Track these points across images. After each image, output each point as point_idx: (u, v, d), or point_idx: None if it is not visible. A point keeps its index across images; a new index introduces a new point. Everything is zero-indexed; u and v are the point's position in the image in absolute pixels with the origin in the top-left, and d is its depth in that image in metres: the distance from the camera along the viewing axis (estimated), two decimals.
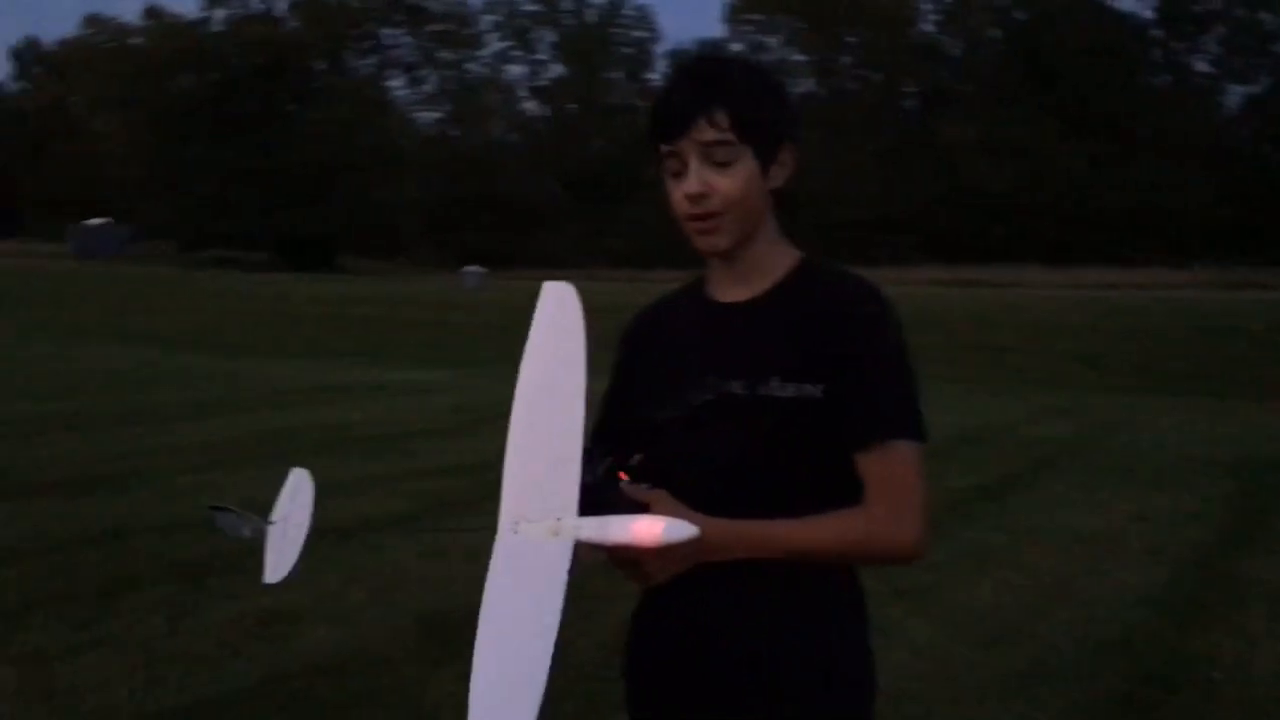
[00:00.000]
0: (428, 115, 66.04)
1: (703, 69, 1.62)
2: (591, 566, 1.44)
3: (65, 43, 66.35)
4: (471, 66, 65.65)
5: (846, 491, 1.53)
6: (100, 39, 61.61)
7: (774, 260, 1.64)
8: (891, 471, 1.51)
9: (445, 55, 62.94)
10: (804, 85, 70.62)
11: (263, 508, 1.49)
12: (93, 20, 64.02)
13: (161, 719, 3.71)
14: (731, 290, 1.65)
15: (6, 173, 65.04)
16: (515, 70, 68.21)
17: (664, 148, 1.59)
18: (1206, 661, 4.47)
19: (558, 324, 1.44)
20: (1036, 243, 51.70)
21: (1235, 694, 4.12)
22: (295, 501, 1.67)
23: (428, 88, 64.94)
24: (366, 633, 4.56)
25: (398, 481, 7.48)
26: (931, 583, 5.58)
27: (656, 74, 68.39)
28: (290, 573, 1.60)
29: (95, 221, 47.83)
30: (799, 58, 67.77)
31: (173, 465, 7.97)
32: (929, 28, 66.27)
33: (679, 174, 1.58)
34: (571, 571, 1.30)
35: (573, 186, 59.98)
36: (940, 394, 15.24)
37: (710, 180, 1.56)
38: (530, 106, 71.31)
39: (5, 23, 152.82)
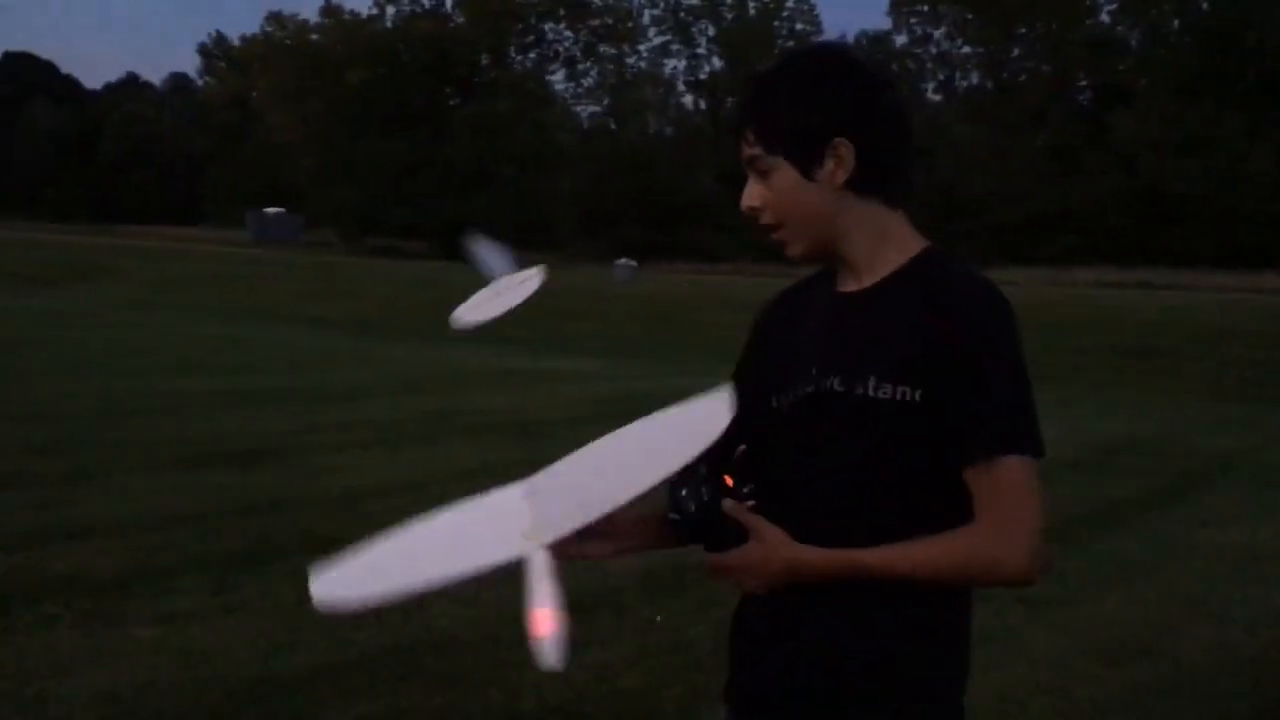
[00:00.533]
0: (587, 109, 66.98)
1: (746, 89, 1.64)
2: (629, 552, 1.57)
3: (248, 39, 69.69)
4: (631, 61, 66.22)
5: (951, 507, 1.46)
6: (280, 35, 64.42)
7: (886, 254, 1.58)
8: (1001, 489, 1.43)
9: (605, 50, 63.64)
10: (970, 78, 68.87)
11: (397, 488, 1.59)
12: (274, 17, 66.96)
13: (284, 682, 3.90)
14: (849, 280, 1.61)
15: (192, 163, 68.70)
16: (674, 65, 68.49)
17: (741, 153, 1.61)
18: None
19: (699, 417, 1.48)
20: (1216, 244, 49.16)
21: None
22: (523, 282, 1.80)
23: (588, 82, 65.82)
24: (485, 613, 4.68)
25: (530, 467, 7.64)
26: (1058, 594, 5.41)
27: None
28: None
29: (272, 210, 50.17)
30: (965, 50, 66.06)
31: (330, 443, 8.33)
32: (1104, 18, 63.68)
33: (747, 177, 1.61)
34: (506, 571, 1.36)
35: (727, 180, 59.90)
36: (1098, 402, 14.71)
37: (759, 193, 1.57)
38: (688, 100, 71.51)
39: (194, 20, 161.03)
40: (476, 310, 1.74)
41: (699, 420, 1.48)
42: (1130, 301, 27.13)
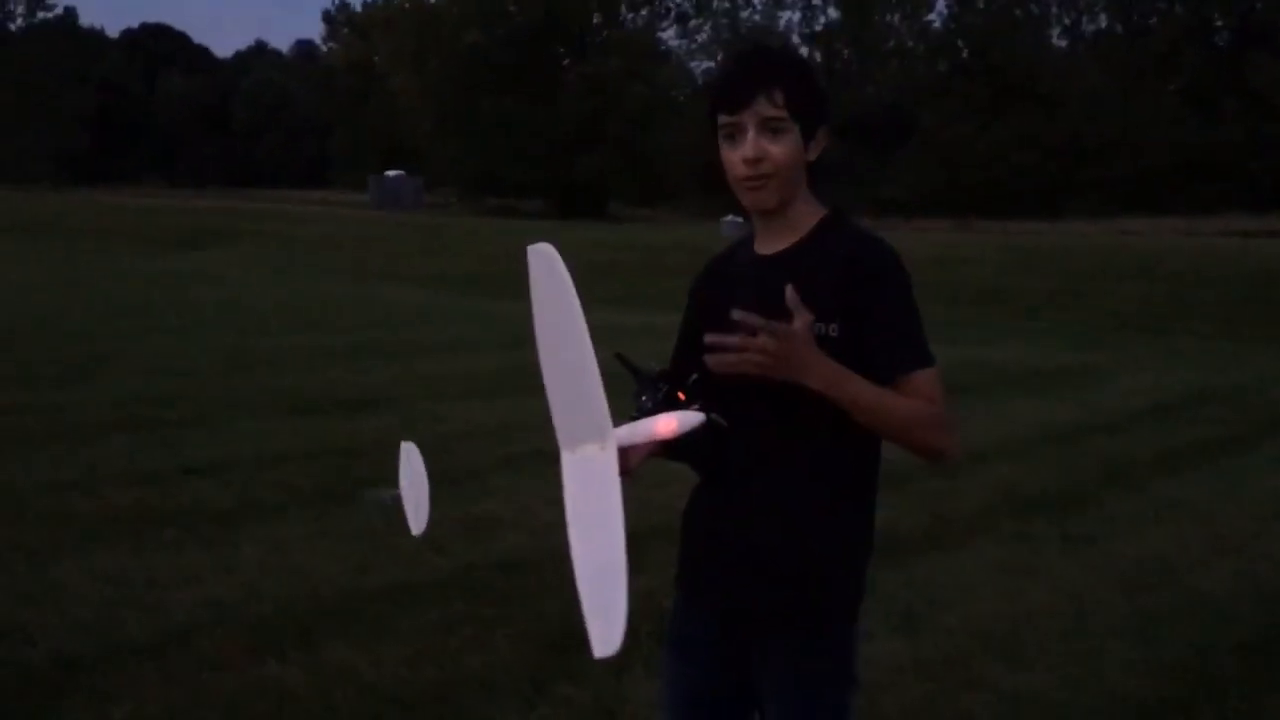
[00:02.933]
0: (701, 64, 66.81)
1: (763, 55, 2.00)
2: (641, 463, 1.88)
3: (369, 3, 71.33)
4: (745, 15, 65.76)
5: (856, 423, 1.86)
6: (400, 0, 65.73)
7: (805, 218, 2.00)
8: (927, 394, 1.86)
9: (719, 4, 63.37)
10: (1098, 21, 66.52)
11: (489, 432, 1.75)
12: None
13: (368, 596, 4.45)
14: (769, 244, 2.01)
15: (319, 127, 70.77)
16: (789, 17, 67.74)
17: (725, 118, 1.94)
18: None
19: (549, 278, 1.68)
20: None
21: None
22: (412, 467, 2.10)
23: (701, 37, 65.61)
24: (551, 542, 5.15)
25: (617, 415, 8.12)
26: (1102, 531, 5.69)
27: (935, 16, 66.19)
28: (427, 524, 1.99)
29: (392, 173, 51.43)
30: None
31: (424, 393, 8.93)
32: None
33: (735, 140, 1.93)
34: (622, 472, 1.64)
35: (844, 133, 59.19)
36: (1200, 350, 14.55)
37: (765, 147, 1.91)
38: (803, 53, 70.64)
39: None
40: (419, 516, 2.08)
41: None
42: (1255, 250, 26.27)
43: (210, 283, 19.40)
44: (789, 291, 1.78)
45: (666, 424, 1.81)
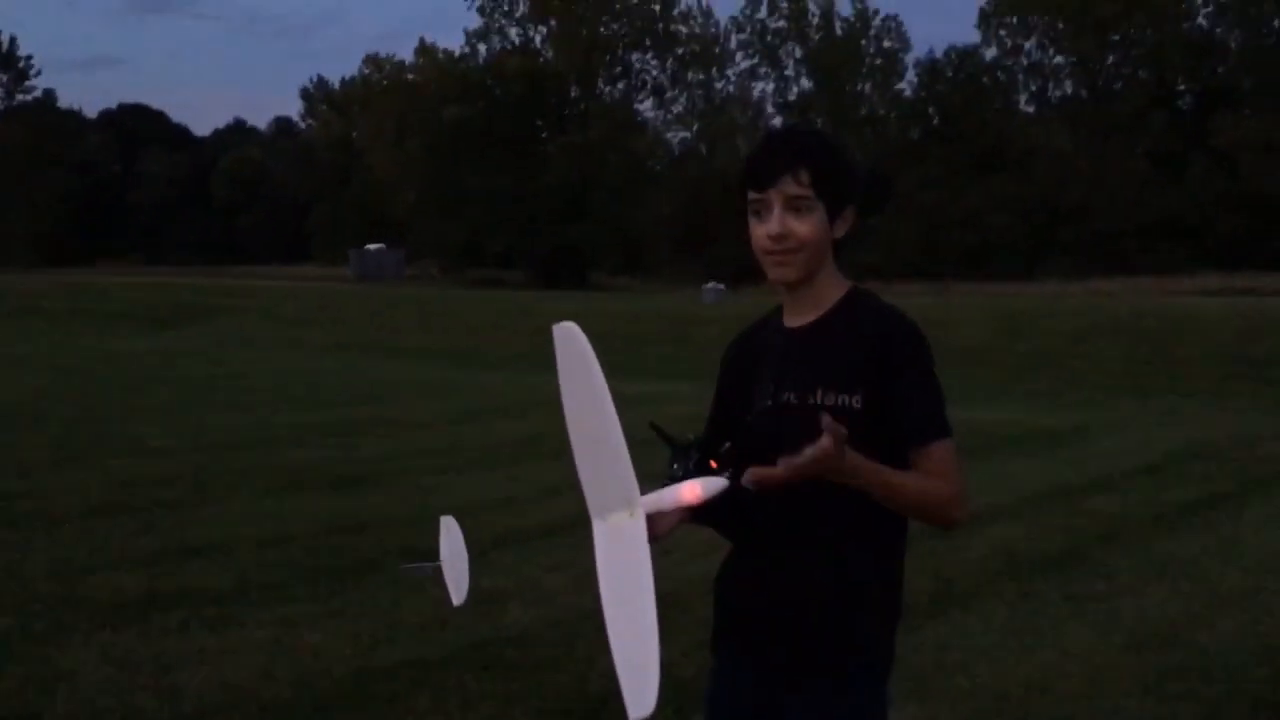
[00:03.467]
0: (677, 135, 67.65)
1: (793, 135, 2.10)
2: (671, 531, 1.93)
3: (347, 81, 72.17)
4: (719, 85, 66.78)
5: None
6: (378, 76, 66.52)
7: (830, 292, 2.08)
8: (938, 465, 1.94)
9: (694, 76, 64.32)
10: (1064, 88, 67.83)
11: (490, 507, 1.83)
12: (371, 59, 69.24)
13: (380, 673, 4.44)
14: (796, 317, 2.09)
15: (299, 203, 71.11)
16: (762, 87, 68.79)
17: (754, 195, 2.02)
18: None
19: (574, 355, 1.77)
20: None
21: None
22: (451, 540, 2.16)
23: (677, 108, 66.53)
24: (558, 613, 5.18)
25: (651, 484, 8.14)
26: (1103, 591, 5.73)
27: (905, 84, 67.36)
28: (468, 593, 2.07)
29: (373, 246, 51.69)
30: (1058, 60, 65.17)
31: (417, 468, 8.94)
32: (1202, 21, 62.24)
33: (762, 216, 2.02)
34: (651, 539, 1.72)
35: None
36: (1182, 407, 14.69)
37: (789, 224, 1.99)
38: (777, 122, 71.71)
39: (296, 65, 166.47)
40: (460, 586, 2.16)
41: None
42: (1230, 309, 26.63)
43: (195, 361, 19.38)
44: (825, 419, 1.78)
45: (691, 490, 1.87)
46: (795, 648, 2.00)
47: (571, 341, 1.76)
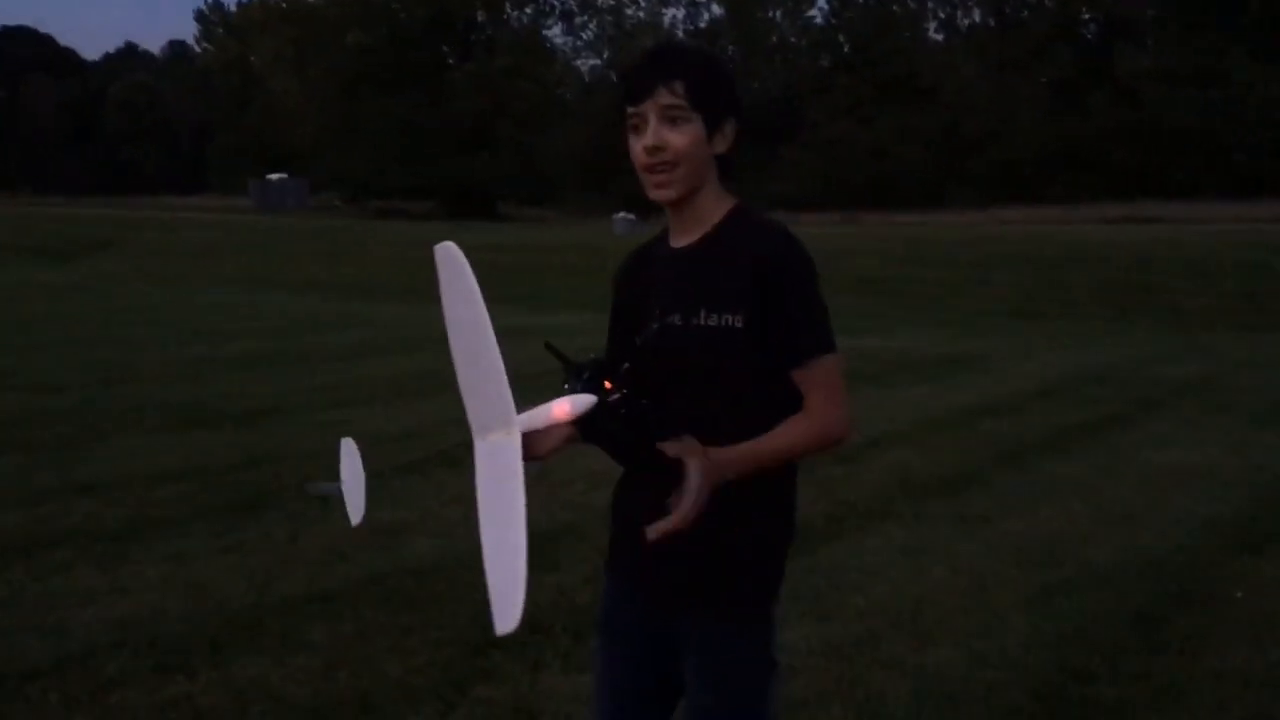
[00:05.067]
0: (587, 62, 66.86)
1: (667, 48, 2.07)
2: (556, 451, 1.95)
3: (244, 4, 69.69)
4: (630, 12, 66.05)
5: (767, 405, 1.94)
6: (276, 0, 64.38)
7: (713, 211, 2.04)
8: (824, 380, 1.94)
9: (604, 2, 63.57)
10: (972, 16, 68.35)
11: (392, 439, 1.78)
12: None
13: (275, 607, 4.38)
14: (680, 237, 2.06)
15: (196, 131, 68.92)
16: (673, 14, 68.21)
17: (630, 109, 1.97)
18: (1236, 581, 4.67)
19: (454, 275, 1.74)
20: (1224, 177, 48.98)
21: (1247, 612, 4.33)
22: (350, 462, 2.08)
23: (587, 35, 65.74)
24: (458, 545, 5.14)
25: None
26: (993, 510, 5.89)
27: (817, 12, 67.30)
28: (364, 515, 2.01)
29: (275, 176, 50.45)
30: None
31: (318, 402, 8.80)
32: None
33: (639, 131, 1.96)
34: (533, 457, 1.73)
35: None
36: (1082, 336, 15.10)
37: (665, 136, 1.94)
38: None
39: None
40: (357, 508, 2.11)
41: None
42: (1129, 238, 27.35)
43: (88, 294, 18.78)
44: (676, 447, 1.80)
45: (560, 407, 1.85)
46: (683, 568, 1.99)
47: (451, 261, 1.73)
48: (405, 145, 51.36)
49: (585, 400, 1.85)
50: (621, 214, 34.73)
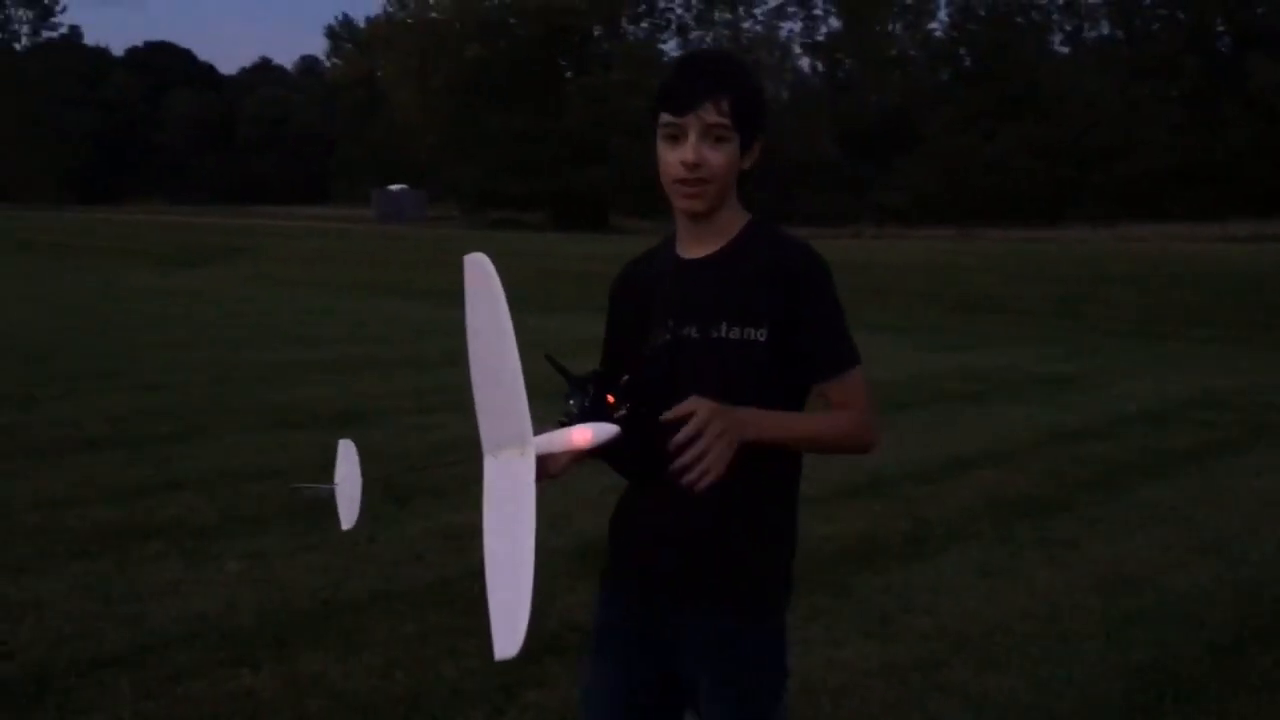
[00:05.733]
0: None
1: (717, 61, 2.02)
2: (566, 470, 1.88)
3: (372, 20, 71.81)
4: (746, 25, 65.97)
5: None
6: (402, 14, 66.06)
7: (731, 224, 2.02)
8: (853, 392, 1.94)
9: (720, 15, 63.60)
10: (1100, 28, 66.59)
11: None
12: None
13: (342, 606, 4.48)
14: (694, 248, 2.03)
15: (322, 143, 71.03)
16: (790, 27, 67.91)
17: (669, 119, 1.93)
18: None
19: (482, 287, 1.73)
20: None
21: None
22: (348, 463, 2.10)
23: (703, 48, 65.82)
24: None
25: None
26: (1081, 535, 5.70)
27: (936, 24, 66.26)
28: (359, 519, 2.00)
29: (395, 187, 51.70)
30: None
31: (409, 407, 8.96)
32: None
33: (676, 142, 1.94)
34: (545, 477, 1.71)
35: (846, 143, 59.33)
36: (1198, 355, 14.54)
37: (705, 155, 1.92)
38: (804, 63, 70.86)
39: (322, 2, 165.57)
40: (350, 513, 2.09)
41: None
42: (1257, 257, 26.27)
43: (207, 300, 19.47)
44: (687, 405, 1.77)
45: (581, 434, 1.82)
46: (686, 564, 1.97)
47: (480, 273, 1.72)
48: (520, 157, 52.14)
49: (608, 430, 1.81)
50: None
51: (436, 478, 6.19)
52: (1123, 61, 60.87)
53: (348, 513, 2.07)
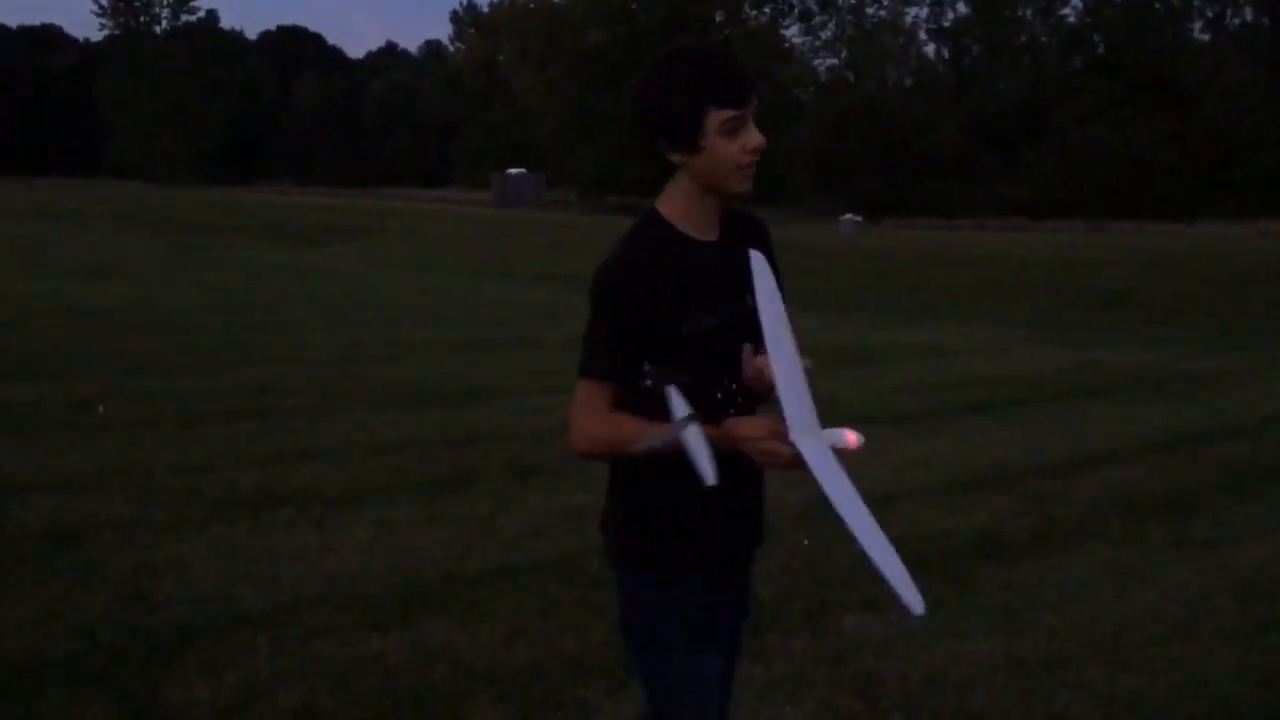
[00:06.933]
0: (825, 62, 66.19)
1: (727, 53, 2.10)
2: None
3: (495, 4, 72.62)
4: (870, 10, 64.96)
5: None
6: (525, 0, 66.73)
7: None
8: None
9: (843, 1, 62.75)
10: (1243, 15, 63.82)
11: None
12: None
13: (465, 578, 4.57)
14: (706, 230, 2.11)
15: (444, 127, 72.25)
16: (916, 13, 66.70)
17: (733, 113, 1.99)
18: None
19: (763, 281, 1.96)
20: None
21: None
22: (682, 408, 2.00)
23: (825, 34, 65.06)
24: None
25: None
26: (1217, 536, 5.51)
27: (1069, 10, 64.28)
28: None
29: (515, 171, 52.33)
30: None
31: (530, 388, 9.07)
32: None
33: (738, 133, 2.00)
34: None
35: (971, 131, 58.02)
36: None
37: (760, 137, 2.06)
38: (930, 50, 69.54)
39: None
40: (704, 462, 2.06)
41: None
42: None
43: (337, 279, 20.02)
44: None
45: (856, 436, 1.86)
46: (755, 540, 2.24)
47: (760, 268, 1.98)
48: (639, 142, 52.23)
49: (860, 437, 1.88)
50: (849, 216, 34.28)
51: (561, 456, 6.26)
52: (1267, 50, 58.23)
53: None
